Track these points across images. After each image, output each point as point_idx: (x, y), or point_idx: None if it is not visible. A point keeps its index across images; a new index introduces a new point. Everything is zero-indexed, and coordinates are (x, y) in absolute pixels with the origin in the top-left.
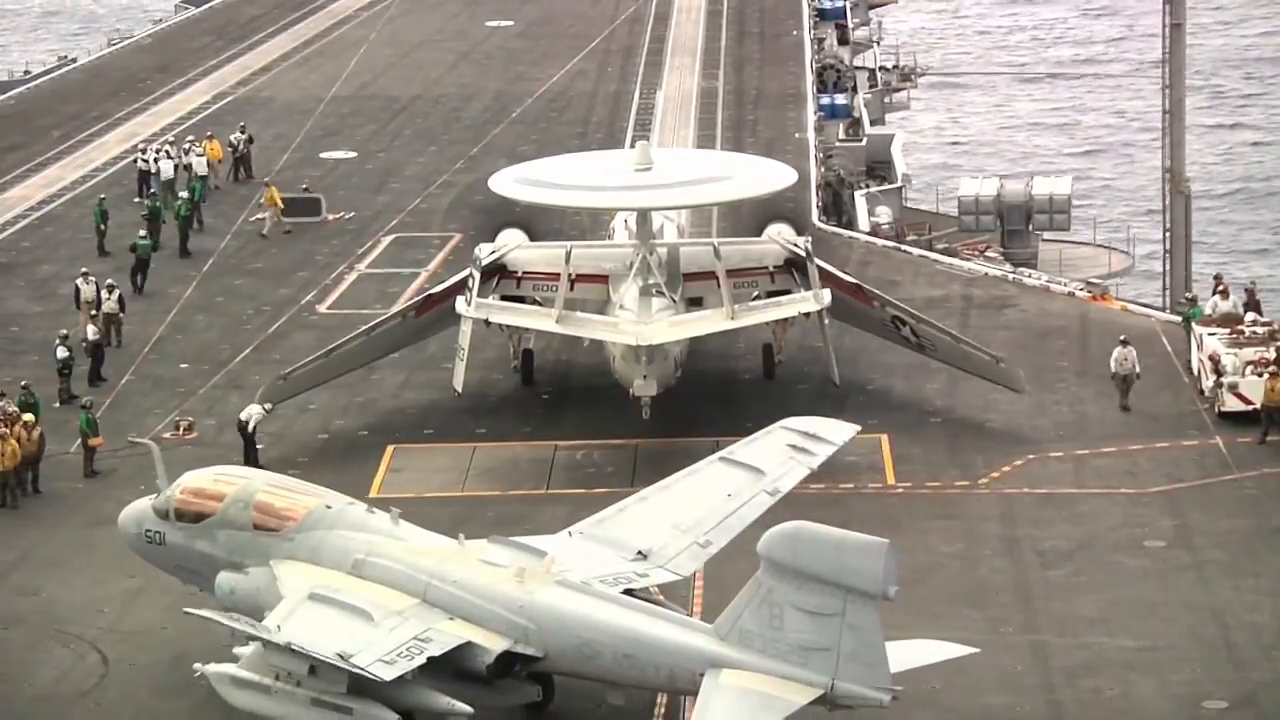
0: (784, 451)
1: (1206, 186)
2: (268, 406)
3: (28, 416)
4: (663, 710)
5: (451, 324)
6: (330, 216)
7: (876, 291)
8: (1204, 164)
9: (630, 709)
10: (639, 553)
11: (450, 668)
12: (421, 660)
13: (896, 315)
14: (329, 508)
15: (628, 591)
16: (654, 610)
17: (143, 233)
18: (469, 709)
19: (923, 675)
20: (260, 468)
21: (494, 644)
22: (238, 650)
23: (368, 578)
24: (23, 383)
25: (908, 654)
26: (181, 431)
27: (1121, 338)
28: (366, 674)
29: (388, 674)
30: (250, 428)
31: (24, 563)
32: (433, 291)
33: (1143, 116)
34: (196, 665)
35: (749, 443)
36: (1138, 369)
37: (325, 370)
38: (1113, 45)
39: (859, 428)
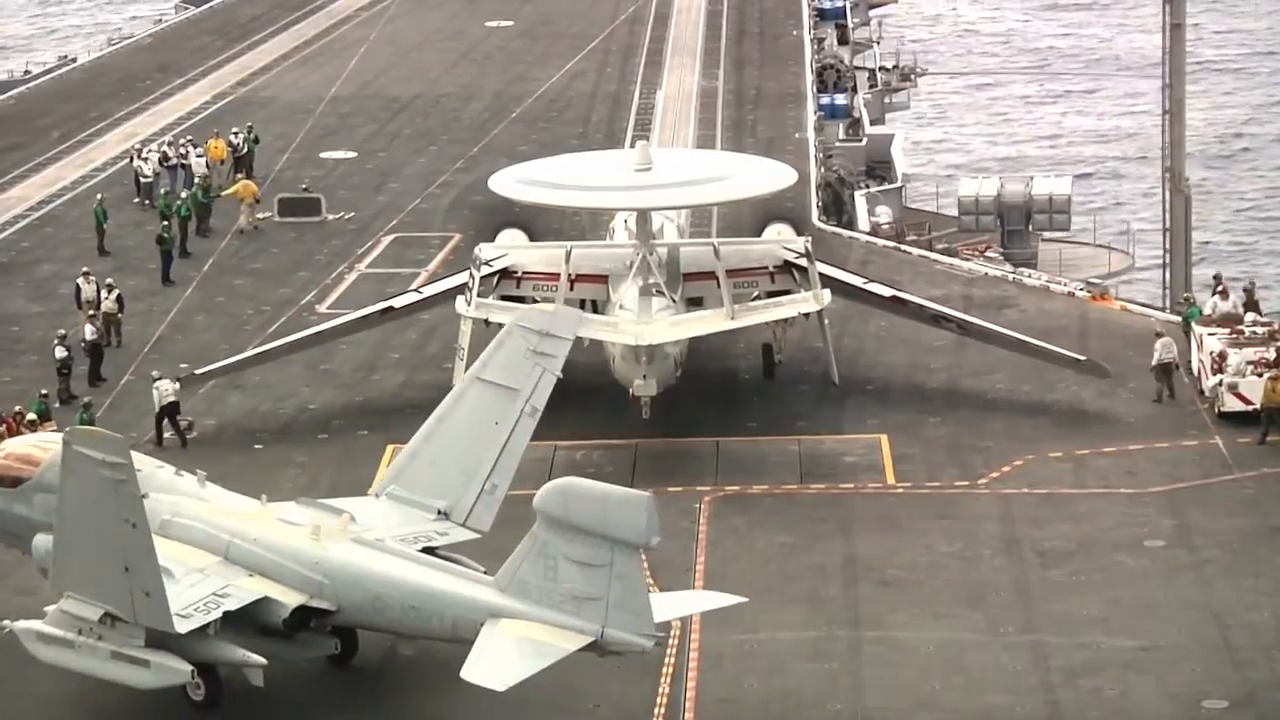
0: (528, 361)
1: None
2: (176, 385)
3: (38, 420)
4: (662, 710)
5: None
6: (330, 217)
7: (916, 300)
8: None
9: (631, 709)
10: (440, 512)
11: (252, 622)
12: (218, 615)
13: (940, 315)
14: (139, 471)
15: (429, 550)
16: (441, 565)
17: (166, 221)
18: (262, 660)
19: (923, 676)
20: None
21: (290, 599)
22: (47, 608)
23: (173, 537)
24: (42, 391)
25: (673, 604)
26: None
27: (1157, 330)
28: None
29: (182, 627)
30: (158, 406)
31: (25, 563)
32: (394, 304)
33: (1143, 117)
34: (5, 622)
35: (495, 350)
36: (1178, 359)
37: (245, 363)
38: (1112, 45)
39: (580, 313)
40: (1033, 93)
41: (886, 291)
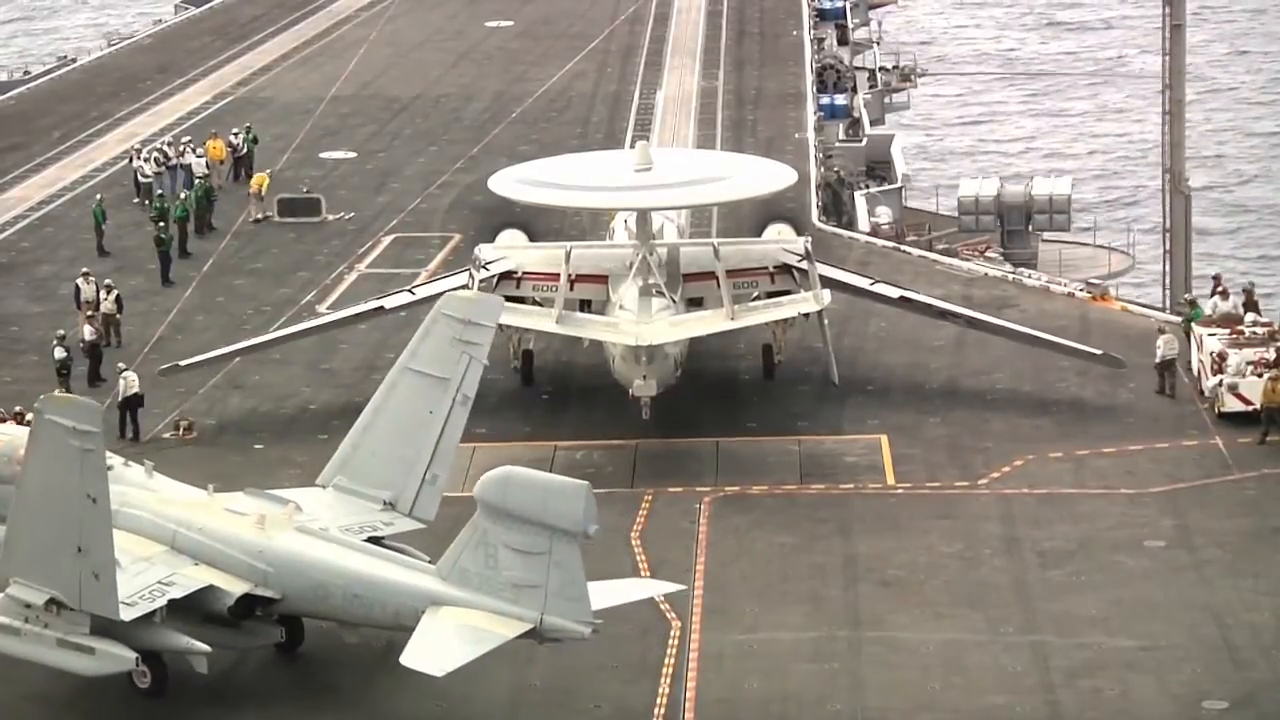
0: (454, 349)
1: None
2: (129, 376)
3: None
4: (662, 710)
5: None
6: (330, 217)
7: (925, 300)
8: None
9: (631, 709)
10: (385, 503)
11: (198, 611)
12: (163, 603)
13: (949, 312)
14: None
15: (376, 539)
16: (383, 554)
17: (162, 223)
18: (206, 648)
19: (923, 676)
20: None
21: (234, 587)
22: None
23: (121, 526)
24: (58, 391)
25: (611, 592)
26: (181, 432)
27: (1159, 326)
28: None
29: (126, 615)
30: (120, 397)
31: None
32: (384, 304)
33: (1143, 117)
34: None
35: (422, 339)
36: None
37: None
38: (1113, 44)
39: (503, 300)
40: (1032, 93)
41: (894, 293)
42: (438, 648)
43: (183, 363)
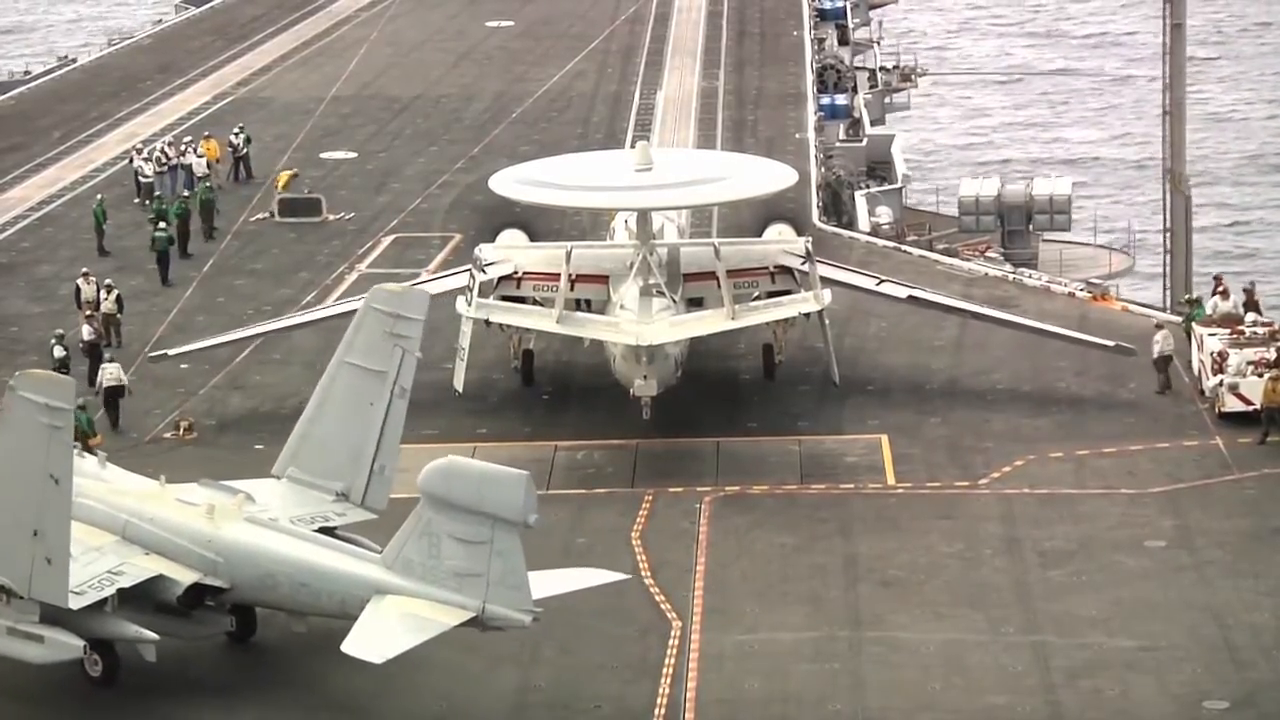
0: (387, 343)
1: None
2: (109, 368)
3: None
4: (663, 711)
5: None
6: (330, 217)
7: (933, 299)
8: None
9: (631, 709)
10: (338, 493)
11: (150, 600)
12: (111, 592)
13: (959, 308)
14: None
15: (328, 529)
16: (331, 544)
17: (163, 224)
18: (154, 636)
19: (923, 676)
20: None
21: (184, 576)
22: None
23: (73, 516)
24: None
25: (552, 581)
26: (181, 432)
27: (1156, 322)
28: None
29: (75, 603)
30: (99, 389)
31: None
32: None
33: (1143, 117)
34: None
35: (355, 332)
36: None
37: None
38: (1113, 43)
39: (429, 294)
40: (1033, 92)
41: (902, 292)
42: (379, 636)
43: (171, 351)
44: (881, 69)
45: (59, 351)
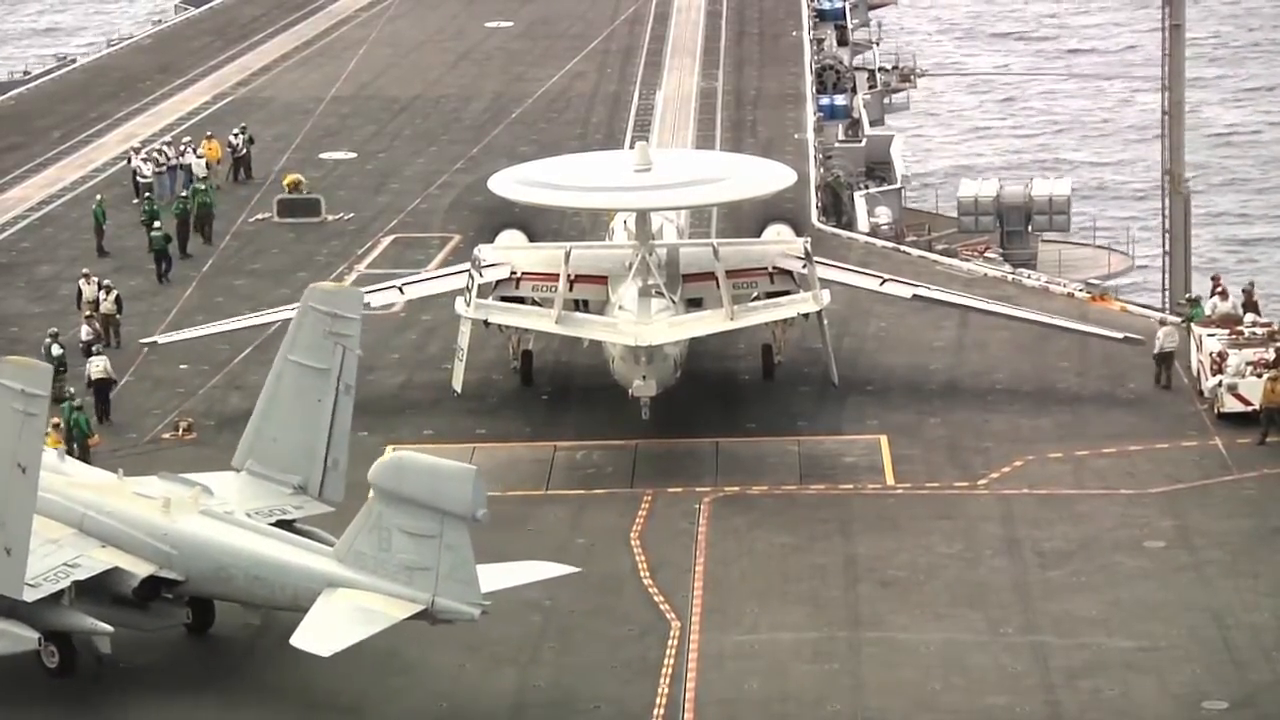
0: (327, 341)
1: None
2: (96, 360)
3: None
4: (662, 711)
5: None
6: (330, 217)
7: (937, 297)
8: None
9: (631, 709)
10: (296, 486)
11: (106, 592)
12: (67, 584)
13: (966, 305)
14: None
15: (286, 523)
16: (284, 537)
17: (158, 223)
18: (109, 628)
19: (923, 676)
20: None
21: (139, 569)
22: None
23: None
24: (69, 390)
25: (501, 575)
26: (181, 432)
27: (1160, 319)
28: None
29: (30, 595)
30: (88, 380)
31: None
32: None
33: (1143, 117)
34: None
35: (296, 330)
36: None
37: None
38: (1112, 42)
39: (362, 292)
40: (1033, 91)
41: (907, 292)
42: (328, 628)
43: (161, 339)
44: (881, 69)
45: (56, 350)
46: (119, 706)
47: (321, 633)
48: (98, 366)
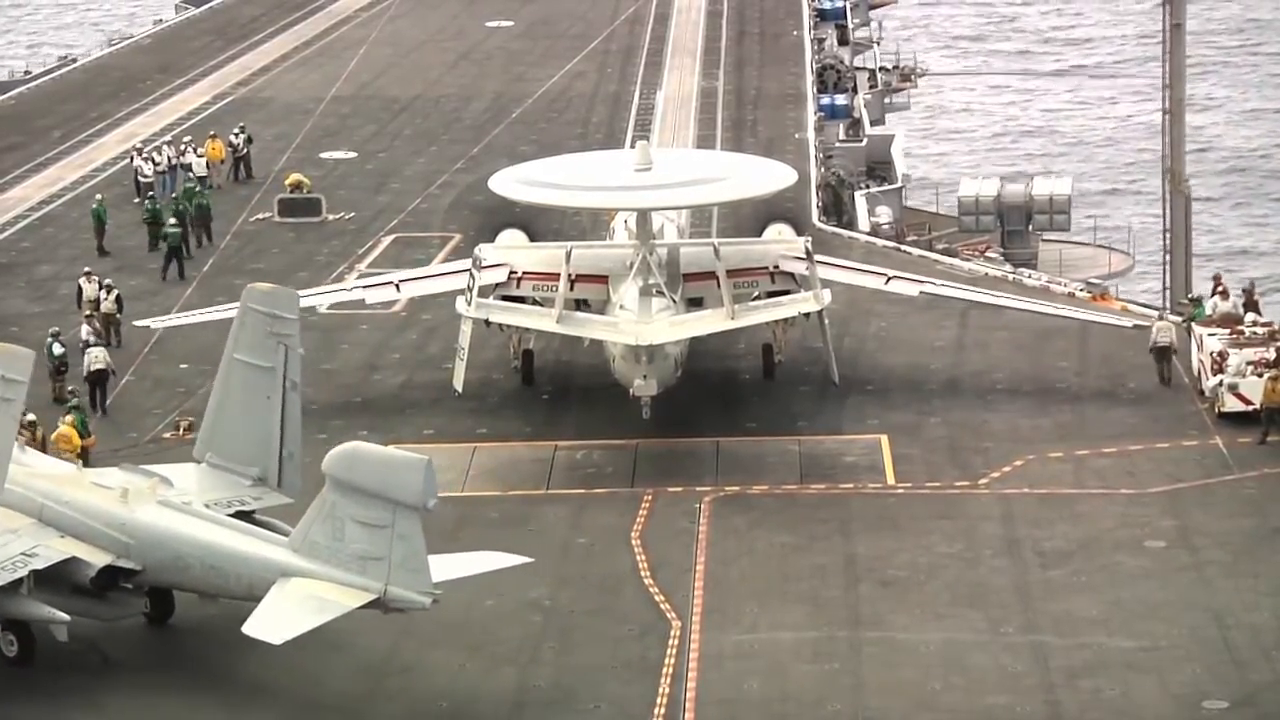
0: (270, 340)
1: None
2: (94, 352)
3: (30, 416)
4: (662, 710)
5: None
6: (330, 217)
7: (945, 292)
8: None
9: (631, 709)
10: (255, 478)
11: (64, 582)
12: (24, 573)
13: (974, 299)
14: None
15: (245, 514)
16: (240, 527)
17: (172, 221)
18: (66, 617)
19: (923, 676)
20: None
21: (97, 559)
22: None
23: None
24: (70, 388)
25: (453, 565)
26: (181, 432)
27: (1157, 313)
28: None
29: None
30: (86, 371)
31: None
32: (366, 298)
33: (1143, 117)
34: None
35: (239, 330)
36: (1175, 343)
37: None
38: (1113, 43)
39: (296, 292)
40: (1034, 92)
41: (913, 289)
42: (279, 617)
43: (153, 324)
44: (881, 69)
45: (58, 349)
46: (121, 707)
47: (273, 621)
48: (97, 357)
